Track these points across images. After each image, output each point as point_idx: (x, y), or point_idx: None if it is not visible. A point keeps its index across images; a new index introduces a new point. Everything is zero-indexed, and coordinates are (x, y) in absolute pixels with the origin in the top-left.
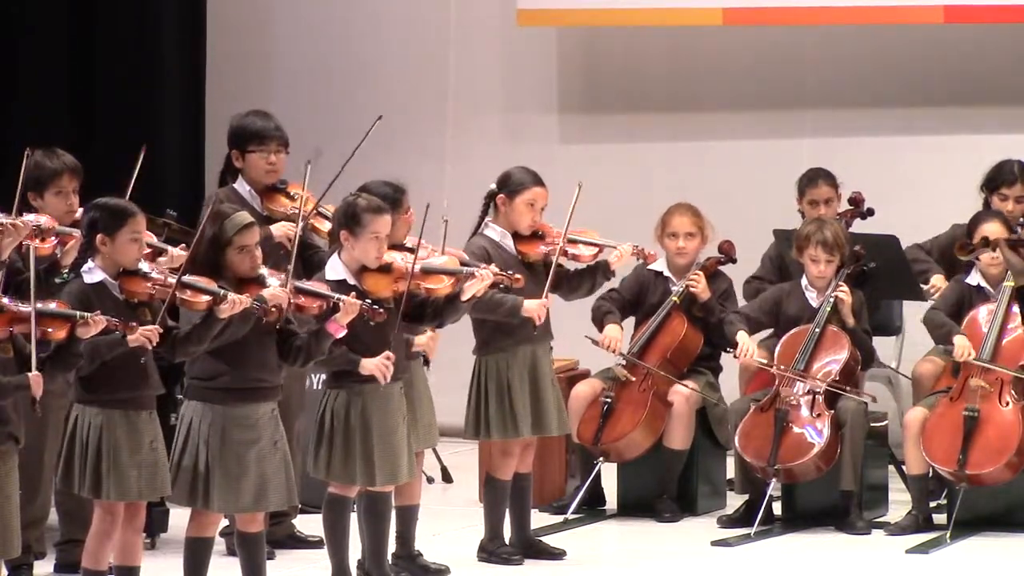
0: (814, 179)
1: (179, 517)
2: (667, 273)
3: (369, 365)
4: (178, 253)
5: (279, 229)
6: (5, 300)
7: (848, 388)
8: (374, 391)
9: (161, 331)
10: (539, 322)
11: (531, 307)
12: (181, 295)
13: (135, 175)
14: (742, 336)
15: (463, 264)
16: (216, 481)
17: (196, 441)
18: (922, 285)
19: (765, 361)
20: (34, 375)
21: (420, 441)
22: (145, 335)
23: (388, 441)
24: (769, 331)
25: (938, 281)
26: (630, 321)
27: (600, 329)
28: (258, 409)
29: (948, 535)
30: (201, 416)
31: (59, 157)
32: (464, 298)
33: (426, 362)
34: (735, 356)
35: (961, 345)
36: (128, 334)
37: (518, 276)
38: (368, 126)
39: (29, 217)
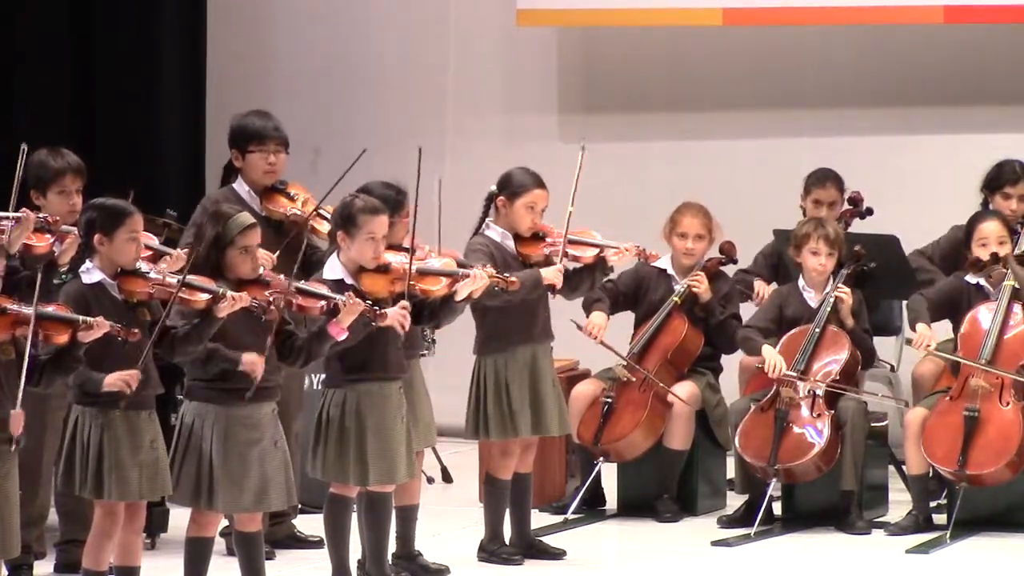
0: (823, 180)
1: (179, 517)
2: (671, 271)
3: (389, 313)
4: (178, 253)
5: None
6: (8, 304)
7: (848, 388)
8: (371, 390)
9: (140, 376)
10: (558, 287)
11: (549, 275)
12: (180, 294)
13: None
14: (768, 350)
15: (459, 265)
16: (219, 481)
17: (199, 442)
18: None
19: (795, 374)
20: (16, 412)
21: (419, 441)
22: (123, 379)
23: (383, 441)
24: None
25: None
26: (627, 317)
27: (588, 315)
28: (260, 409)
29: (948, 535)
30: (203, 417)
31: (63, 157)
32: (458, 298)
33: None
34: (766, 372)
35: (921, 334)
36: (129, 339)
37: (514, 279)
38: (367, 126)
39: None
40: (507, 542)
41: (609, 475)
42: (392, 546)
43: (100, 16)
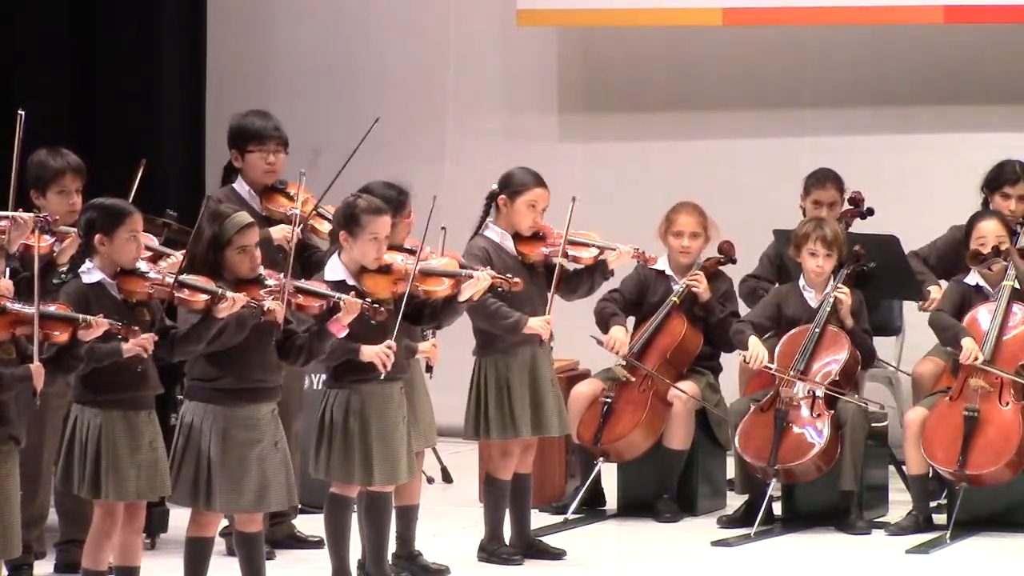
0: (823, 180)
1: (179, 517)
2: (669, 272)
3: (369, 352)
4: (178, 256)
5: (279, 232)
6: (7, 302)
7: (849, 393)
8: (374, 391)
9: (156, 339)
10: (545, 338)
11: (535, 325)
12: (179, 294)
13: (135, 186)
14: (753, 342)
15: (461, 267)
16: (218, 481)
17: (197, 442)
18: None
19: (775, 366)
20: (36, 366)
21: (419, 441)
22: (140, 344)
23: (387, 441)
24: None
25: (936, 293)
26: (631, 320)
27: (605, 330)
28: (260, 409)
29: (948, 535)
30: (203, 417)
31: (63, 156)
32: (461, 299)
33: (429, 368)
34: (746, 362)
35: (969, 348)
36: (130, 338)
37: (517, 280)
38: (367, 126)
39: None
40: (507, 542)
41: (609, 475)
42: (392, 546)
43: (100, 16)
